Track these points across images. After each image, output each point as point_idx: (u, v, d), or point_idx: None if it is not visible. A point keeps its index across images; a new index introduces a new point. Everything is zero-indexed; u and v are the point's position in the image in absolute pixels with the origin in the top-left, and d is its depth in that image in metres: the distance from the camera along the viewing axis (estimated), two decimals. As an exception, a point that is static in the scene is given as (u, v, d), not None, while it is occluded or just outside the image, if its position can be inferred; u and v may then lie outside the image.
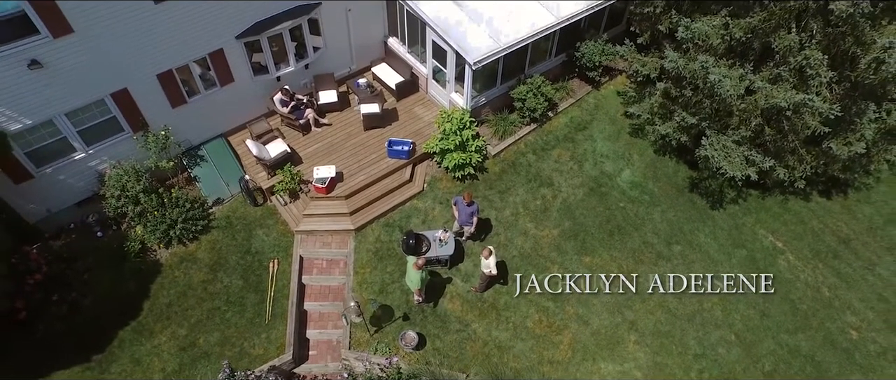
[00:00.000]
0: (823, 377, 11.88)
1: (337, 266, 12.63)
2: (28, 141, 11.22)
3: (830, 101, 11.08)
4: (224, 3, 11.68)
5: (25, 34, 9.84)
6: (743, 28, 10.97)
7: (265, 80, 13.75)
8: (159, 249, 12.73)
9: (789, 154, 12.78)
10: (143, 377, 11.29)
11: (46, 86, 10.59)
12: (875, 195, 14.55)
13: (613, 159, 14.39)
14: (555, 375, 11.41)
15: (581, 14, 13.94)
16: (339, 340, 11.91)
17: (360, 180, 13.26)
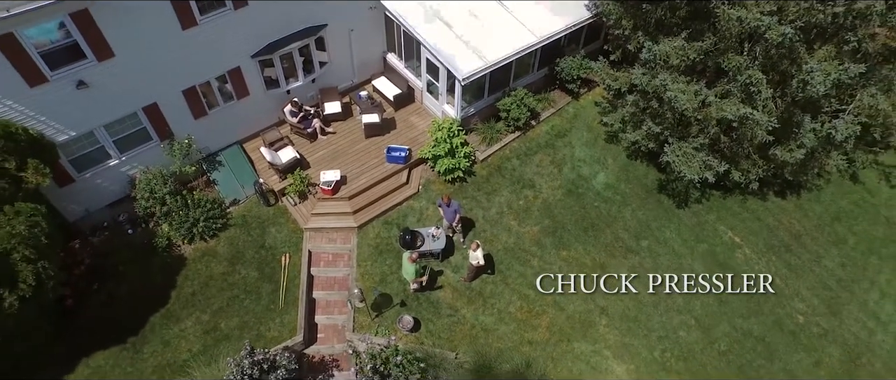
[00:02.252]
0: (771, 356, 13.49)
1: (342, 259, 14.22)
2: (72, 150, 12.81)
3: (774, 113, 12.69)
4: (242, 28, 13.25)
5: (75, 59, 11.43)
6: (696, 50, 12.55)
7: (276, 93, 15.33)
8: (183, 244, 14.31)
9: (744, 159, 14.38)
10: (172, 357, 12.85)
11: (90, 102, 12.16)
12: (824, 196, 16.12)
13: (589, 163, 15.99)
14: (534, 354, 13.00)
15: (561, 33, 15.53)
16: (343, 324, 13.48)
17: (361, 183, 14.85)
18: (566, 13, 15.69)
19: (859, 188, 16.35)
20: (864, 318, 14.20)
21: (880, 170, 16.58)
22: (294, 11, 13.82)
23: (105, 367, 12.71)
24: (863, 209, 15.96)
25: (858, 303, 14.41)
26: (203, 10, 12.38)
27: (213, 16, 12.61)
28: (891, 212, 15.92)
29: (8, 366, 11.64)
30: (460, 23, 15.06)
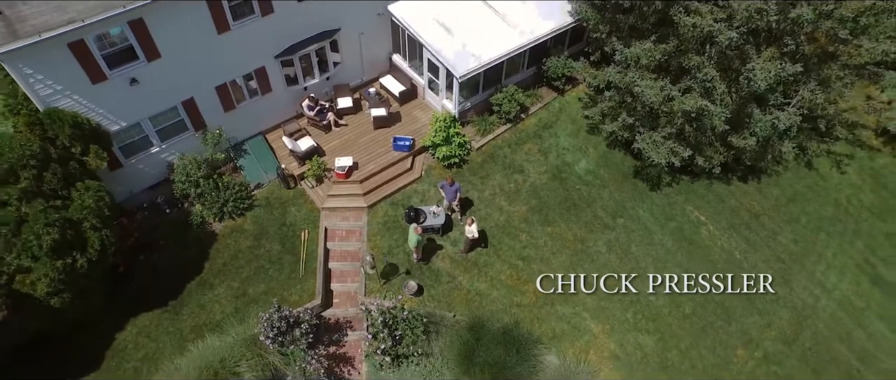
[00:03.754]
0: (729, 318, 15.46)
1: (354, 235, 16.22)
2: (121, 138, 14.81)
3: (729, 106, 14.68)
4: (268, 32, 15.24)
5: (130, 60, 13.43)
6: (662, 51, 14.54)
7: (295, 89, 17.32)
8: (215, 222, 16.30)
9: (707, 147, 16.35)
10: (207, 317, 14.85)
11: (139, 97, 14.16)
12: (782, 180, 18.09)
13: (573, 152, 17.99)
14: (521, 314, 15.00)
15: (547, 36, 17.53)
16: (356, 291, 15.46)
17: (371, 168, 16.85)
18: (552, 18, 17.68)
19: (813, 174, 18.31)
20: (811, 286, 16.16)
21: (832, 158, 18.54)
22: (312, 18, 15.81)
23: (150, 326, 14.73)
24: (815, 192, 17.92)
25: (807, 274, 16.37)
26: (235, 16, 14.38)
27: (244, 22, 14.61)
28: (839, 195, 17.88)
29: (73, 322, 13.60)
30: (458, 27, 17.05)
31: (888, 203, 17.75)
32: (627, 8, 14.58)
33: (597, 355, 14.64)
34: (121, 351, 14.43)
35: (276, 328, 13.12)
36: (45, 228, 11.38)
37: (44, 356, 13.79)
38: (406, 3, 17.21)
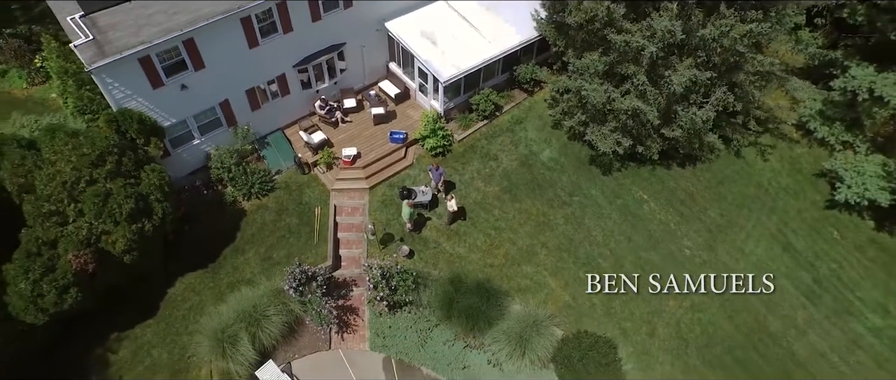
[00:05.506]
0: (664, 276, 19.00)
1: (358, 211, 19.85)
2: (171, 132, 18.43)
3: (660, 106, 18.30)
4: (288, 47, 18.88)
5: (181, 70, 17.07)
6: (604, 62, 18.15)
7: (309, 92, 20.97)
8: (243, 201, 19.89)
9: (647, 138, 19.98)
10: (240, 276, 18.44)
11: (186, 99, 17.80)
12: (715, 166, 21.66)
13: (538, 143, 21.64)
14: (493, 273, 18.60)
15: (516, 47, 21.17)
16: (360, 255, 19.05)
17: (371, 157, 20.49)
18: (521, 33, 21.32)
19: (741, 161, 21.91)
20: (733, 252, 19.74)
21: (758, 148, 22.12)
22: (323, 34, 19.47)
23: (194, 283, 18.35)
24: (741, 176, 21.52)
25: (730, 242, 19.96)
26: (263, 34, 18.01)
27: (270, 38, 18.25)
28: (762, 178, 21.48)
29: (137, 277, 17.21)
30: (443, 41, 20.69)
31: (801, 185, 21.39)
32: (577, 27, 18.18)
33: (553, 305, 18.25)
34: (172, 302, 18.05)
35: (297, 280, 16.72)
36: (125, 200, 15.02)
37: (115, 305, 17.40)
38: (399, 21, 20.87)
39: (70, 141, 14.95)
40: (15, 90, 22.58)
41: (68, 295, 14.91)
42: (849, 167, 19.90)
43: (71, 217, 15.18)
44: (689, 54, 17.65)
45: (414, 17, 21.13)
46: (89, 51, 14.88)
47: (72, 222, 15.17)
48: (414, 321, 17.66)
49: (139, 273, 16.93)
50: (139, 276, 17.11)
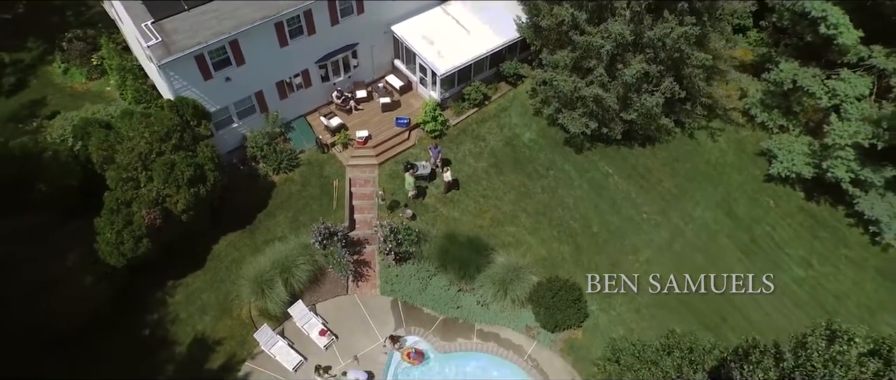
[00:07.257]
0: (623, 237, 22.89)
1: (369, 183, 23.76)
2: (215, 117, 22.32)
3: (619, 94, 22.20)
4: (312, 46, 22.81)
5: (226, 65, 21.01)
6: (572, 58, 22.05)
7: (327, 84, 24.91)
8: (274, 175, 23.80)
9: (610, 121, 23.86)
10: (272, 235, 22.30)
11: (229, 89, 21.74)
12: (670, 146, 25.48)
13: (521, 127, 25.55)
14: (481, 232, 22.46)
15: (501, 46, 25.08)
16: (371, 219, 22.96)
17: (380, 138, 24.41)
18: (506, 34, 25.20)
19: (693, 142, 25.74)
20: (682, 217, 23.58)
21: (709, 131, 25.93)
22: (340, 36, 23.40)
23: (235, 241, 22.27)
24: (693, 155, 25.36)
25: (680, 209, 23.81)
26: (292, 36, 21.93)
27: (297, 39, 22.18)
28: (710, 156, 25.29)
29: (191, 235, 21.10)
30: (439, 41, 24.63)
31: (744, 162, 25.24)
32: (549, 29, 22.09)
33: (531, 257, 22.08)
34: (216, 257, 21.97)
35: (321, 235, 20.61)
36: (186, 168, 18.95)
37: (171, 259, 21.30)
38: (403, 25, 24.81)
39: (144, 120, 18.89)
40: (76, 84, 26.56)
41: (142, 244, 18.83)
42: (782, 147, 23.77)
43: (143, 182, 19.11)
44: (640, 51, 21.55)
45: (416, 21, 25.08)
46: (159, 50, 18.80)
47: (143, 186, 19.10)
48: (416, 271, 21.52)
49: (193, 231, 20.84)
50: (192, 234, 21.03)
